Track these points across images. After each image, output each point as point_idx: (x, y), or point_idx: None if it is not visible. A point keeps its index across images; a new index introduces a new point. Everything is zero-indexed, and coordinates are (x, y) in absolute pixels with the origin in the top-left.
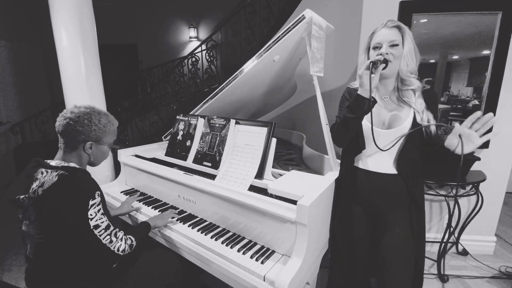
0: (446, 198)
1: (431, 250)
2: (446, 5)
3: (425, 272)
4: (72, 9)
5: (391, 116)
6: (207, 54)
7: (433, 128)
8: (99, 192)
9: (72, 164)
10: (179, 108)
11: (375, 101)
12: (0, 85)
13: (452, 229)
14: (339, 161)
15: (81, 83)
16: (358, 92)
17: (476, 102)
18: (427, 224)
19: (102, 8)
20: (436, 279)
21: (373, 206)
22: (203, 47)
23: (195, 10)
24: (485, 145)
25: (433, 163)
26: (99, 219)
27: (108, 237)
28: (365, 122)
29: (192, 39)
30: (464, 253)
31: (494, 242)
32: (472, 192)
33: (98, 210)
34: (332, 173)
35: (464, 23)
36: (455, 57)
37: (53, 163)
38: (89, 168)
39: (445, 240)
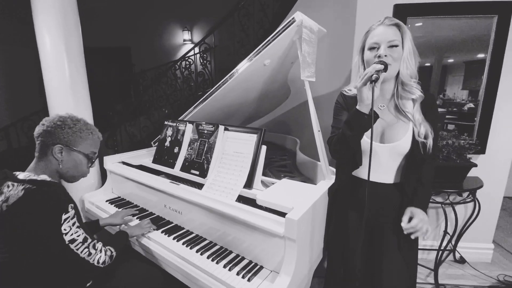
0: (443, 205)
1: (428, 258)
2: (441, 8)
3: (422, 281)
4: (55, 11)
5: (388, 129)
6: (200, 57)
7: (429, 143)
8: (72, 205)
9: (42, 177)
10: (171, 112)
11: (377, 116)
12: None
13: (449, 236)
14: (332, 169)
15: (65, 89)
16: (357, 107)
17: (471, 105)
18: None
19: (95, 10)
20: None
21: (370, 216)
22: (196, 50)
23: (189, 13)
24: (482, 150)
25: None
26: (75, 233)
27: (86, 250)
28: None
29: (186, 42)
30: (461, 261)
31: (491, 250)
32: (469, 199)
33: (73, 224)
34: (324, 182)
35: (459, 26)
36: (450, 60)
37: (21, 175)
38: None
39: (442, 248)
